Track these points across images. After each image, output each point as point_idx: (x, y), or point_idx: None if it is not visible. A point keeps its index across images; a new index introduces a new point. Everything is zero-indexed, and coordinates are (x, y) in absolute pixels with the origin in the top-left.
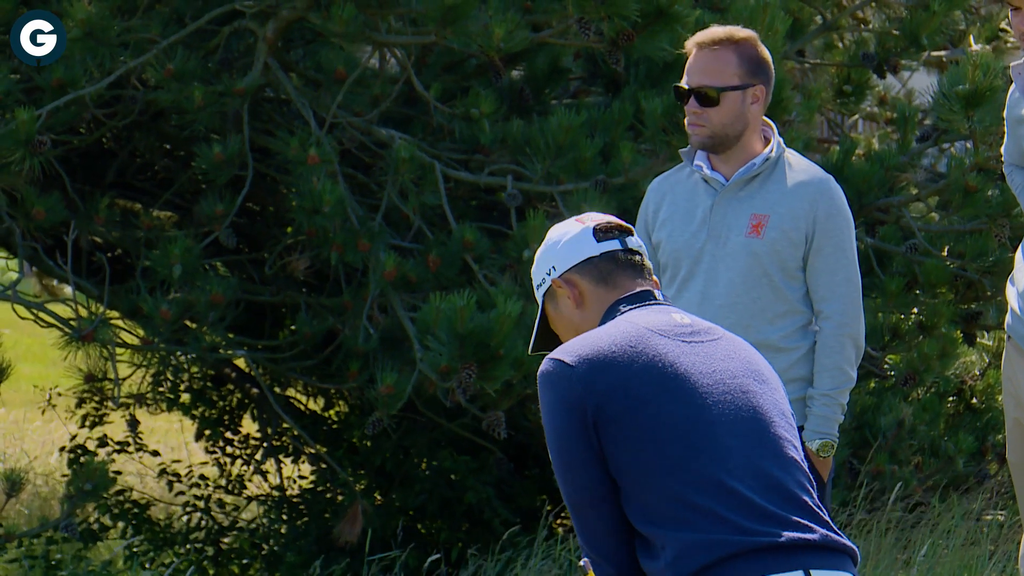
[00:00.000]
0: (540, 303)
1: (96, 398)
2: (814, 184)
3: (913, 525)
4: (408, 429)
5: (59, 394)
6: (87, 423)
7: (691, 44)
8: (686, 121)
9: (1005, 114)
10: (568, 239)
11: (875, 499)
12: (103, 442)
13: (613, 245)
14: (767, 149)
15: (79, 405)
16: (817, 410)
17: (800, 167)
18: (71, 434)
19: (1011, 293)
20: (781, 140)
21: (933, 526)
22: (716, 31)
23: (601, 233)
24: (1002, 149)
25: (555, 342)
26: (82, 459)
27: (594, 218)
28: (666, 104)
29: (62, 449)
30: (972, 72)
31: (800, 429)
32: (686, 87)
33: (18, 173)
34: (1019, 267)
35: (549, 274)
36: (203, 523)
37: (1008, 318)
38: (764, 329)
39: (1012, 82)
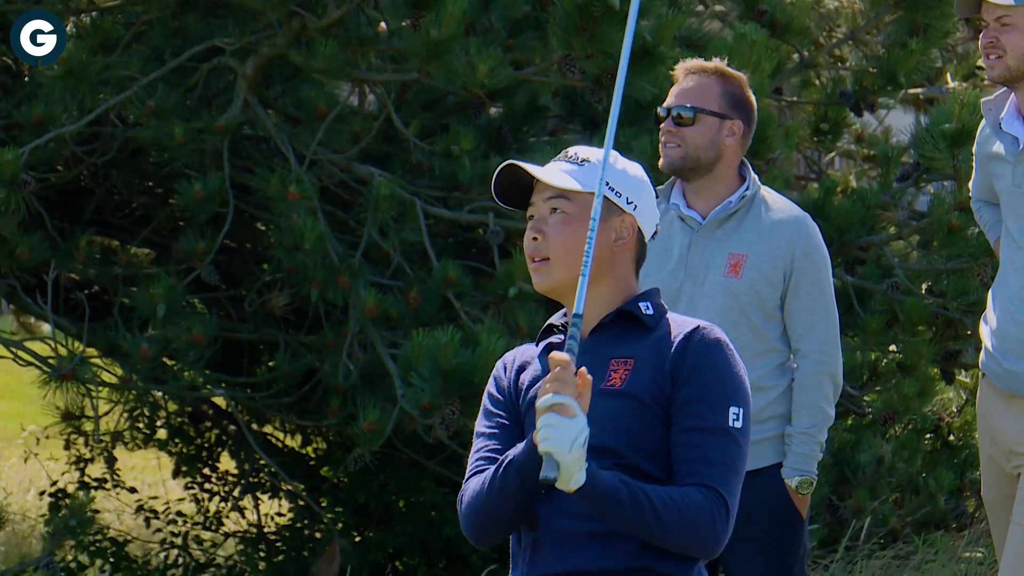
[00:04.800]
0: (582, 191)
1: (75, 437)
2: (791, 223)
3: (890, 561)
4: (386, 466)
5: (46, 437)
6: (67, 461)
7: (679, 69)
8: (661, 143)
9: (975, 150)
10: (655, 212)
11: (855, 536)
12: (82, 480)
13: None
14: (743, 187)
15: (67, 448)
16: (796, 448)
17: (777, 205)
18: (48, 472)
19: (984, 332)
20: (757, 178)
21: (914, 564)
22: (706, 62)
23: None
24: (970, 184)
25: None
26: (62, 500)
27: None
28: (652, 143)
29: (42, 493)
30: (959, 110)
31: (779, 466)
32: (664, 109)
33: (3, 213)
34: (991, 306)
35: (631, 203)
36: (180, 560)
37: (982, 356)
38: None
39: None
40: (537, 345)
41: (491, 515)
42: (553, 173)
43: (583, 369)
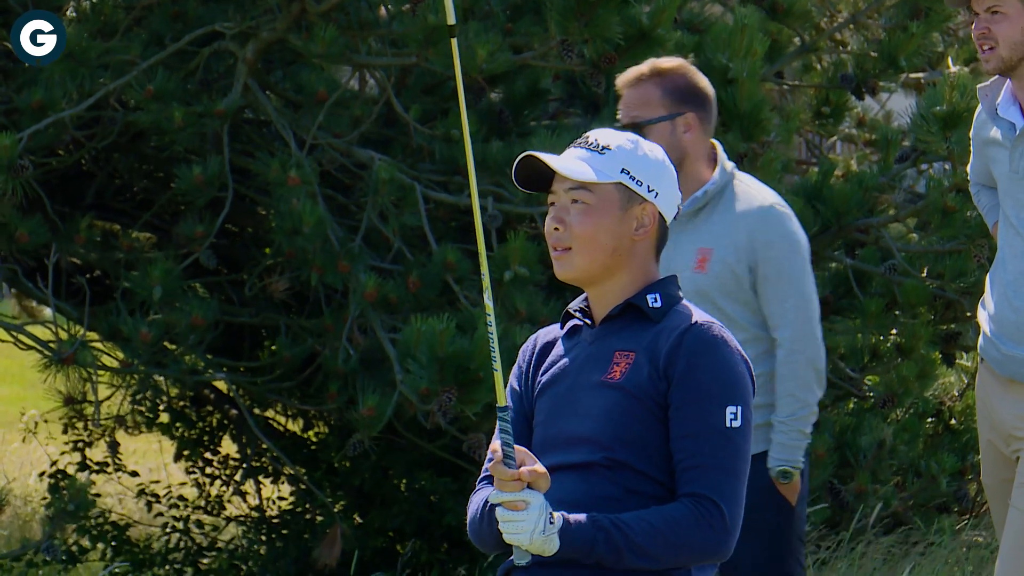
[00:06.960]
0: (597, 180)
1: (77, 421)
2: (753, 213)
3: (893, 544)
4: (387, 450)
5: (44, 421)
6: (68, 445)
7: (619, 83)
8: None
9: (972, 134)
10: (676, 194)
11: (858, 519)
12: (83, 464)
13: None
14: (712, 178)
15: (65, 432)
16: (776, 437)
17: (745, 196)
18: (50, 456)
19: (982, 316)
20: (729, 165)
21: (921, 548)
22: (640, 67)
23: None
24: (968, 168)
25: (540, 184)
26: (62, 481)
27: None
28: None
29: (42, 474)
30: (949, 93)
31: (764, 455)
32: (618, 125)
33: (1, 197)
34: (989, 291)
35: (652, 191)
36: (182, 544)
37: (980, 340)
38: None
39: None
40: (562, 328)
41: (486, 539)
42: (572, 163)
43: (524, 456)
